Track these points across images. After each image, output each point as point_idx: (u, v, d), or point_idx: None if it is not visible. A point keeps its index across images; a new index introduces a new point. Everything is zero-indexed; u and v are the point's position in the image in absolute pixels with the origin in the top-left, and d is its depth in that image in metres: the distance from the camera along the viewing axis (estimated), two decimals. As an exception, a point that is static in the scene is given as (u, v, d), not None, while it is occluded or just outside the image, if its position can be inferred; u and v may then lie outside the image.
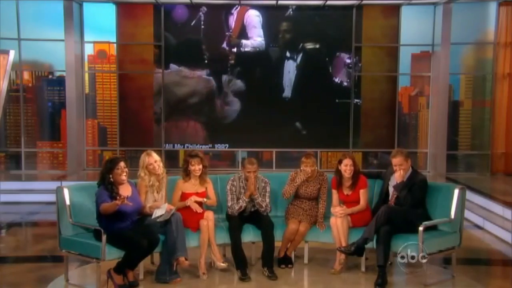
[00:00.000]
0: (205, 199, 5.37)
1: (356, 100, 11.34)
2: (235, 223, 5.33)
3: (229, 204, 5.43)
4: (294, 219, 5.43)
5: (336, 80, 11.34)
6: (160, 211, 4.97)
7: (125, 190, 4.92)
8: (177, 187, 5.38)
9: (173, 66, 11.31)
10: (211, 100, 11.36)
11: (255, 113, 11.32)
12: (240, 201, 5.39)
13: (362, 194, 5.38)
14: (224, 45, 11.27)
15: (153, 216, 4.98)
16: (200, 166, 5.35)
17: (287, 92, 11.40)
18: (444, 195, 5.20)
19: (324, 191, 5.54)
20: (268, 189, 5.51)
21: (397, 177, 5.19)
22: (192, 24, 11.20)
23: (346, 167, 5.35)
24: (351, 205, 5.36)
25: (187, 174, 5.39)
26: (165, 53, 11.18)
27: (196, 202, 5.30)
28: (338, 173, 5.45)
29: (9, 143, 11.37)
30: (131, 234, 4.76)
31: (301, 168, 5.50)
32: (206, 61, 11.28)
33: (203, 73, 11.30)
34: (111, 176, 4.84)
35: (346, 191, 5.43)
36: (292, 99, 11.39)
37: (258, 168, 5.43)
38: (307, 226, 5.41)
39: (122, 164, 4.91)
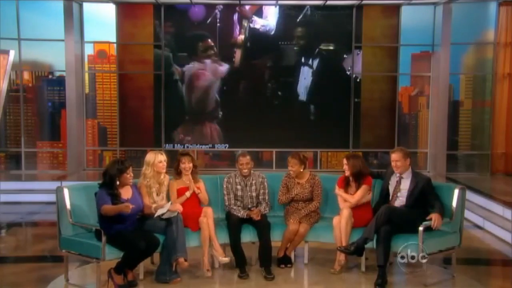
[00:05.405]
0: (198, 191, 5.37)
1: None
2: (234, 222, 5.33)
3: (226, 203, 5.50)
4: (294, 219, 5.42)
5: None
6: (162, 210, 5.00)
7: (126, 191, 4.93)
8: (172, 187, 5.38)
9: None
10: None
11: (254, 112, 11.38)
12: (241, 212, 5.40)
13: (361, 189, 5.37)
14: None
15: (156, 215, 5.00)
16: (191, 165, 5.37)
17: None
18: (444, 195, 5.19)
19: (317, 194, 5.56)
20: (266, 184, 5.57)
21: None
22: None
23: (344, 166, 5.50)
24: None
25: (178, 172, 5.43)
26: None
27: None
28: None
29: (9, 143, 11.36)
30: (128, 234, 4.77)
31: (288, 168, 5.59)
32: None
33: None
34: (118, 179, 4.84)
35: (351, 190, 5.44)
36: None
37: (251, 161, 5.53)
38: (307, 227, 5.40)
39: (131, 168, 4.94)
